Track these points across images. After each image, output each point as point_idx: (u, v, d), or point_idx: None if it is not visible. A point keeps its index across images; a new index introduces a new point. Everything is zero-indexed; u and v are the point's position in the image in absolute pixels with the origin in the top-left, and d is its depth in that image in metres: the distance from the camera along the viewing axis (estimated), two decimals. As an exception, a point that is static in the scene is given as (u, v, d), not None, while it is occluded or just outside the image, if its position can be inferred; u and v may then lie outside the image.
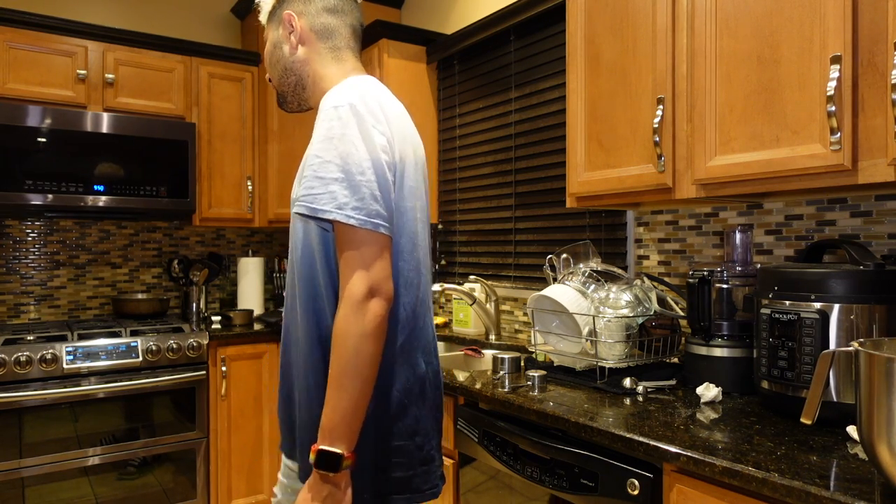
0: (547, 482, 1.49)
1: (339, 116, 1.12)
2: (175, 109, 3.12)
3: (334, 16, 1.31)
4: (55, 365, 2.52)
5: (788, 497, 1.01)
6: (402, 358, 1.19)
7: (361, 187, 1.09)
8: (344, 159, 1.09)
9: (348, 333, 1.06)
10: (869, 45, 1.23)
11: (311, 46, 1.30)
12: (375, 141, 1.13)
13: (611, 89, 1.77)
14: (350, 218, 1.07)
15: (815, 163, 1.29)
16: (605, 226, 2.27)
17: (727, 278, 1.62)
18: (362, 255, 1.08)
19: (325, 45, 1.30)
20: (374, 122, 1.14)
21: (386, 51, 2.93)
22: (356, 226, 1.08)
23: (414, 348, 1.21)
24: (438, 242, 3.16)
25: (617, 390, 1.62)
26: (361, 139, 1.11)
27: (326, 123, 1.13)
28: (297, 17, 1.30)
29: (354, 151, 1.10)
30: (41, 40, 2.80)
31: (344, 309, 1.07)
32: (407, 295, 1.20)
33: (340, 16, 1.31)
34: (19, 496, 2.45)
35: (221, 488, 2.91)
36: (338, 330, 1.07)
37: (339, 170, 1.09)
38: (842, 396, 1.27)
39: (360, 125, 1.12)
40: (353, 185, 1.09)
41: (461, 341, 2.67)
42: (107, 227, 3.33)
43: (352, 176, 1.09)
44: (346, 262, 1.09)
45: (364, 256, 1.08)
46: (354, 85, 1.18)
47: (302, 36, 1.30)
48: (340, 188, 1.08)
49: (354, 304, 1.06)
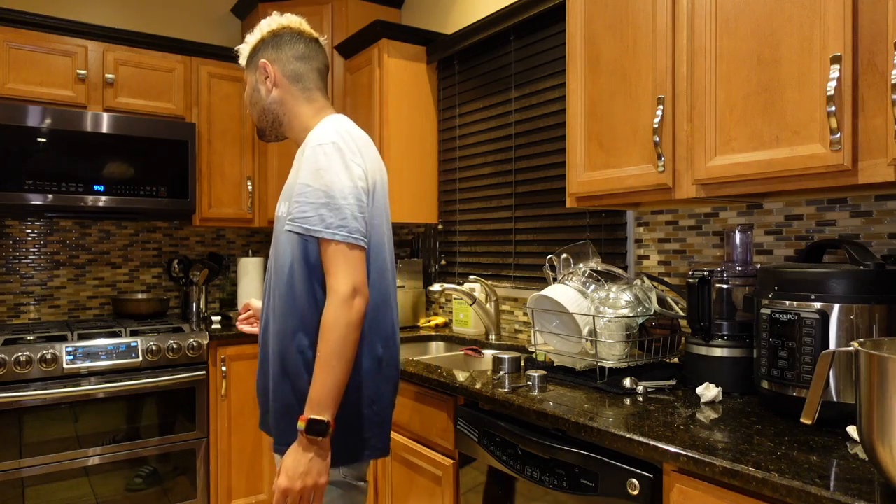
0: (547, 482, 1.49)
1: (324, 152, 1.37)
2: (175, 109, 3.12)
3: (303, 62, 1.53)
4: (55, 365, 2.52)
5: (788, 497, 1.01)
6: (364, 343, 1.43)
7: (344, 210, 1.34)
8: (329, 187, 1.34)
9: (337, 324, 1.30)
10: (869, 45, 1.23)
11: (285, 89, 1.53)
12: (354, 171, 1.38)
13: (611, 89, 1.77)
14: (336, 235, 1.33)
15: (815, 163, 1.29)
16: (605, 226, 2.27)
17: (727, 278, 1.62)
18: (346, 263, 1.33)
19: (296, 87, 1.54)
20: (352, 155, 1.39)
21: (386, 51, 2.93)
22: (341, 241, 1.33)
23: (375, 336, 1.46)
24: (438, 242, 3.16)
25: (617, 390, 1.62)
26: (343, 170, 1.36)
27: (314, 158, 1.37)
28: (270, 63, 1.53)
29: (338, 181, 1.35)
30: (41, 40, 2.80)
31: (333, 305, 1.31)
32: (372, 294, 1.44)
33: (308, 61, 1.54)
34: (19, 496, 2.45)
35: (221, 488, 2.91)
36: (328, 322, 1.30)
37: (326, 196, 1.34)
38: (842, 396, 1.27)
39: (342, 159, 1.37)
40: (337, 208, 1.34)
41: (461, 341, 2.67)
42: (107, 227, 3.33)
43: (336, 201, 1.34)
44: (333, 270, 1.33)
45: (348, 264, 1.33)
46: (333, 125, 1.42)
47: (276, 80, 1.53)
48: (327, 211, 1.33)
49: (342, 301, 1.31)
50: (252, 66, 1.57)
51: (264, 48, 1.55)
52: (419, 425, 2.02)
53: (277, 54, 1.53)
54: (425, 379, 1.93)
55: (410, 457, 2.05)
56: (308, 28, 1.58)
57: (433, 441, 1.95)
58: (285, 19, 1.56)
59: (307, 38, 1.56)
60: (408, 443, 2.07)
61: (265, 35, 1.55)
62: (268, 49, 1.54)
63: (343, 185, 1.35)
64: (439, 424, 1.92)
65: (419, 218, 3.07)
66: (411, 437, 2.08)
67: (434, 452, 1.95)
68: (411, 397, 2.05)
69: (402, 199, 3.00)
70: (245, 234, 3.75)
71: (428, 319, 3.07)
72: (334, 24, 3.26)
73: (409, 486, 2.07)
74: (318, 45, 1.58)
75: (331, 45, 3.27)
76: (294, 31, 1.55)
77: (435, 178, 3.12)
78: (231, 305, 3.65)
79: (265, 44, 1.55)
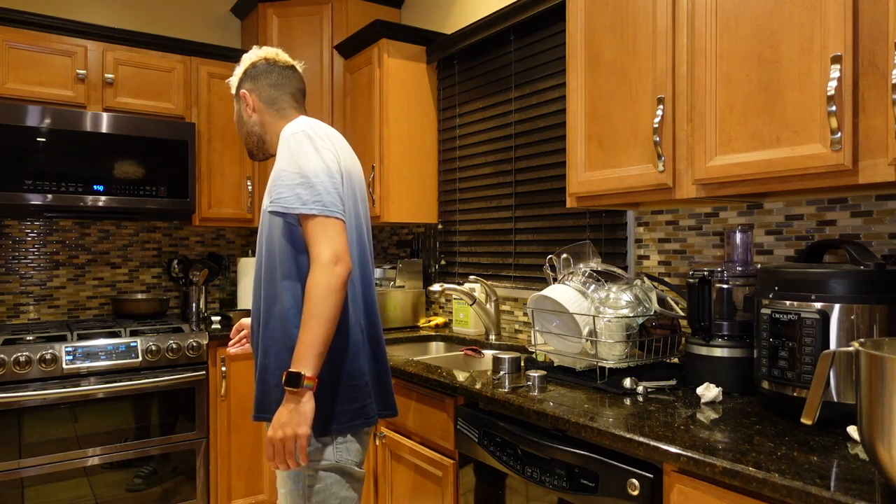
0: (547, 482, 1.49)
1: (295, 140, 1.50)
2: (175, 109, 3.12)
3: (276, 88, 1.72)
4: (55, 365, 2.52)
5: (789, 497, 1.00)
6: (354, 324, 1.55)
7: (317, 186, 1.45)
8: (302, 169, 1.47)
9: (318, 287, 1.40)
10: (869, 44, 1.23)
11: (262, 112, 1.72)
12: (325, 155, 1.50)
13: (611, 89, 1.77)
14: (312, 209, 1.44)
15: (816, 163, 1.29)
16: (605, 226, 2.27)
17: (727, 278, 1.62)
18: (325, 233, 1.43)
19: (272, 109, 1.72)
20: (321, 142, 1.52)
21: (386, 51, 2.93)
22: (318, 214, 1.44)
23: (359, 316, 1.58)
24: (438, 242, 3.16)
25: (617, 390, 1.62)
26: (314, 153, 1.49)
27: (286, 146, 1.51)
28: (249, 93, 1.72)
29: (309, 162, 1.47)
30: (41, 40, 2.80)
31: (315, 271, 1.41)
32: (356, 281, 1.57)
33: (281, 87, 1.72)
34: (18, 496, 2.45)
35: (221, 488, 2.91)
36: (309, 286, 1.41)
37: (300, 176, 1.46)
38: (842, 397, 1.27)
39: (312, 144, 1.50)
40: (311, 185, 1.45)
41: (461, 341, 2.67)
42: (106, 227, 3.33)
43: (309, 179, 1.46)
44: (314, 241, 1.44)
45: (326, 234, 1.43)
46: (303, 120, 1.57)
47: (254, 106, 1.72)
48: (302, 190, 1.45)
49: (323, 266, 1.41)
50: (236, 95, 1.77)
51: (245, 79, 1.74)
52: (419, 425, 2.01)
53: (254, 84, 1.72)
54: (425, 379, 1.93)
55: (410, 457, 2.05)
56: (284, 57, 1.76)
57: (433, 441, 1.95)
58: (263, 52, 1.75)
59: (281, 67, 1.74)
60: (408, 443, 2.07)
61: (246, 67, 1.75)
62: (247, 80, 1.74)
63: (315, 165, 1.47)
64: (439, 424, 1.92)
65: (419, 218, 3.07)
66: (411, 437, 2.08)
67: (434, 452, 1.94)
68: (411, 397, 2.05)
69: (402, 199, 3.00)
70: (245, 234, 3.75)
71: (428, 319, 3.07)
72: (334, 24, 3.26)
73: (409, 486, 2.07)
74: (293, 71, 1.76)
75: (331, 45, 3.27)
76: (269, 62, 1.74)
77: (435, 178, 3.12)
78: (231, 305, 3.65)
79: (246, 75, 1.74)
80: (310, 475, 1.51)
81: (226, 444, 2.92)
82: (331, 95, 3.27)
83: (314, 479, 1.51)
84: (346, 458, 1.54)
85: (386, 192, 2.95)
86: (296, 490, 1.52)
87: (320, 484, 1.51)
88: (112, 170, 2.88)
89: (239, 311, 3.16)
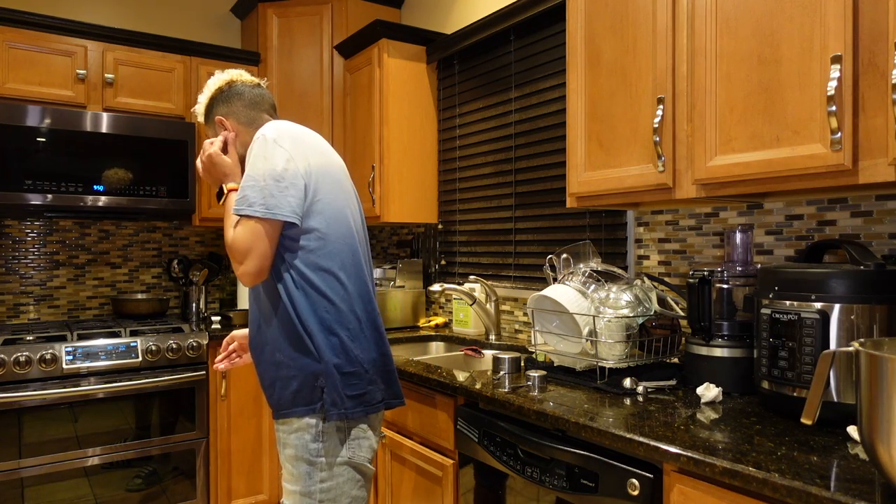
0: (547, 482, 1.49)
1: (257, 144, 1.54)
2: (175, 109, 3.12)
3: (253, 108, 1.72)
4: (55, 365, 2.52)
5: (789, 497, 1.00)
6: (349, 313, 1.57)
7: (263, 190, 1.48)
8: (253, 173, 1.50)
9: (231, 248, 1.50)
10: (869, 44, 1.23)
11: (243, 134, 1.71)
12: (275, 157, 1.51)
13: (611, 89, 1.77)
14: (256, 211, 1.47)
15: (816, 163, 1.29)
16: (605, 226, 2.27)
17: (727, 278, 1.62)
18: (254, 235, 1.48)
19: (252, 129, 1.71)
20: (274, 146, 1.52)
21: (386, 51, 2.93)
22: (260, 216, 1.47)
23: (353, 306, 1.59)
24: (438, 242, 3.16)
25: (617, 390, 1.62)
26: (263, 159, 1.51)
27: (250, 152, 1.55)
28: (225, 118, 1.71)
29: (261, 165, 1.50)
30: (41, 40, 2.80)
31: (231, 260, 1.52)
32: (349, 273, 1.58)
33: (256, 106, 1.73)
34: (18, 496, 2.44)
35: (221, 488, 2.91)
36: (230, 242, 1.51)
37: (251, 180, 1.50)
38: (842, 397, 1.27)
39: (264, 148, 1.52)
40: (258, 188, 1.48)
41: (461, 341, 2.67)
42: (106, 227, 3.33)
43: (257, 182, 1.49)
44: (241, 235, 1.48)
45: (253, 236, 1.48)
46: (271, 123, 1.59)
47: (234, 130, 1.71)
48: (251, 192, 1.49)
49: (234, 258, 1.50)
50: (210, 122, 1.76)
51: (216, 105, 1.73)
52: (419, 425, 2.01)
53: (229, 107, 1.71)
54: (425, 379, 1.93)
55: (410, 457, 2.05)
56: (248, 77, 1.76)
57: (433, 441, 1.95)
58: (227, 75, 1.74)
59: (250, 86, 1.74)
60: (408, 443, 2.07)
61: (213, 94, 1.73)
62: (219, 105, 1.72)
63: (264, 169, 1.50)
64: (439, 424, 1.92)
65: (419, 218, 3.07)
66: (411, 437, 2.08)
67: (434, 452, 1.94)
68: (411, 397, 2.05)
69: (402, 199, 3.00)
70: (245, 234, 3.74)
71: (428, 319, 3.07)
72: (334, 24, 3.26)
73: (409, 486, 2.07)
74: (261, 88, 1.77)
75: (331, 45, 3.27)
76: (235, 84, 1.73)
77: (435, 178, 3.12)
78: (231, 305, 3.65)
79: (215, 101, 1.73)
80: (323, 471, 1.50)
81: (226, 444, 2.92)
82: (331, 95, 3.27)
83: (328, 476, 1.50)
84: (360, 454, 1.54)
85: (386, 192, 2.95)
86: (307, 486, 1.50)
87: (333, 481, 1.51)
88: (112, 170, 2.87)
89: (239, 310, 3.15)
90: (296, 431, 1.52)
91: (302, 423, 1.51)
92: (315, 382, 1.50)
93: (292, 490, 1.53)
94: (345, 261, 1.58)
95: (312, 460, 1.50)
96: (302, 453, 1.51)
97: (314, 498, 1.50)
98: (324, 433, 1.51)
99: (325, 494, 1.50)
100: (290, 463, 1.53)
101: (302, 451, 1.51)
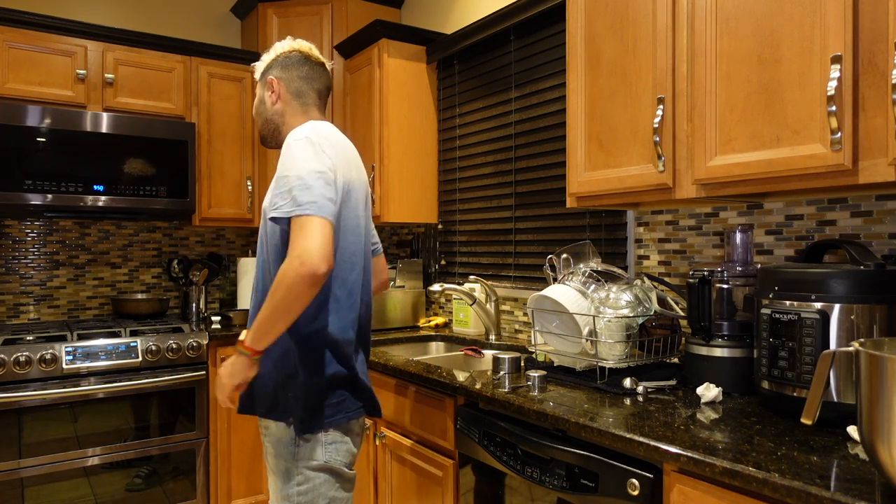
0: (547, 482, 1.49)
1: (298, 146, 1.52)
2: (175, 109, 3.11)
3: (306, 82, 1.73)
4: (55, 365, 2.52)
5: (789, 497, 1.00)
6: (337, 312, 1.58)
7: (313, 189, 1.46)
8: (299, 174, 1.48)
9: (284, 278, 1.40)
10: (869, 44, 1.23)
11: (287, 102, 1.72)
12: (322, 161, 1.51)
13: (611, 89, 1.77)
14: (306, 211, 1.44)
15: (816, 163, 1.29)
16: (605, 226, 2.27)
17: (727, 278, 1.62)
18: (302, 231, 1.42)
19: (297, 102, 1.72)
20: (320, 150, 1.52)
21: (386, 51, 2.93)
22: (300, 214, 1.43)
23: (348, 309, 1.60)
24: (438, 242, 3.16)
25: (617, 390, 1.62)
26: (313, 158, 1.50)
27: (288, 151, 1.53)
28: (277, 80, 1.72)
29: (305, 166, 1.48)
30: (41, 40, 2.80)
31: (286, 263, 1.41)
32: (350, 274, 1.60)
33: (311, 82, 1.73)
34: (18, 496, 2.44)
35: (221, 488, 2.91)
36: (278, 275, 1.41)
37: (298, 179, 1.47)
38: (842, 397, 1.27)
39: (312, 150, 1.51)
40: (307, 188, 1.46)
41: (461, 341, 2.67)
42: (106, 227, 3.33)
43: (305, 181, 1.46)
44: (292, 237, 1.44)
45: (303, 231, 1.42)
46: (310, 125, 1.59)
47: (279, 94, 1.72)
48: (298, 192, 1.45)
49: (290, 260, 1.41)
50: (262, 80, 1.76)
51: (275, 66, 1.73)
52: (419, 425, 2.01)
53: (285, 73, 1.72)
54: (425, 379, 1.93)
55: (410, 457, 2.05)
56: (316, 53, 1.77)
57: (433, 441, 1.95)
58: (297, 43, 1.76)
59: (313, 62, 1.75)
60: (408, 443, 2.07)
61: (278, 55, 1.74)
62: (277, 67, 1.73)
63: (310, 169, 1.48)
64: (439, 424, 1.92)
65: (419, 218, 3.07)
66: (411, 437, 2.08)
67: (434, 452, 1.94)
68: (411, 397, 2.05)
69: (402, 199, 3.00)
70: (245, 234, 3.75)
71: (428, 319, 3.07)
72: (334, 24, 3.26)
73: (409, 486, 2.07)
74: (323, 69, 1.77)
75: (331, 45, 3.26)
76: (303, 55, 1.74)
77: (435, 178, 3.12)
78: (231, 305, 3.65)
79: (276, 62, 1.74)
80: (299, 474, 1.54)
81: (226, 444, 2.92)
82: (331, 95, 3.27)
83: (304, 479, 1.54)
84: (336, 458, 1.57)
85: (386, 191, 2.95)
86: (285, 488, 1.55)
87: (309, 484, 1.55)
88: (112, 170, 2.87)
89: (239, 311, 3.15)
90: (274, 435, 1.58)
91: (280, 428, 1.57)
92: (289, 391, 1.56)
93: (273, 492, 1.59)
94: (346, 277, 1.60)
95: (290, 465, 1.55)
96: (280, 457, 1.56)
97: (291, 500, 1.55)
98: (299, 438, 1.55)
99: (301, 497, 1.54)
100: (272, 467, 1.60)
101: (280, 455, 1.56)
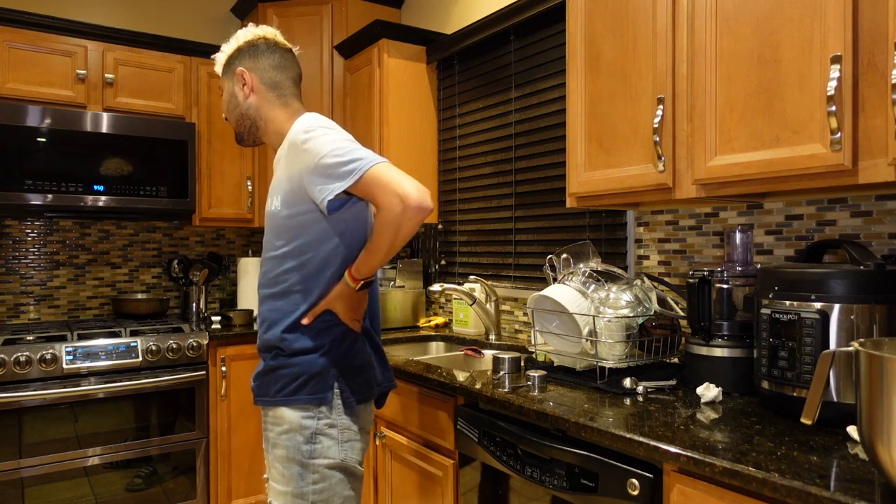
0: (547, 482, 1.49)
1: (321, 133, 1.47)
2: (175, 109, 3.12)
3: (280, 71, 1.63)
4: (55, 365, 2.52)
5: (789, 497, 1.01)
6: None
7: (356, 151, 1.43)
8: (347, 139, 1.46)
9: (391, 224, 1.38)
10: (869, 44, 1.23)
11: (262, 95, 1.62)
12: (346, 135, 1.49)
13: (611, 89, 1.77)
14: (369, 164, 1.40)
15: (816, 163, 1.29)
16: (605, 226, 2.27)
17: (727, 278, 1.62)
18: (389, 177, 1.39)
19: (273, 94, 1.63)
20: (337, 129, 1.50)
21: (386, 51, 2.93)
22: (374, 163, 1.40)
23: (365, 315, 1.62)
24: (438, 242, 3.16)
25: (617, 390, 1.62)
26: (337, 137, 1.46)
27: (311, 140, 1.46)
28: (248, 71, 1.61)
29: (341, 139, 1.45)
30: (41, 40, 2.80)
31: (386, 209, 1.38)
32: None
33: (284, 70, 1.64)
34: (18, 496, 2.45)
35: (221, 488, 2.91)
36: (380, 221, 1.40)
37: (351, 142, 1.45)
38: (842, 396, 1.27)
39: (334, 130, 1.49)
40: (352, 151, 1.42)
41: (461, 341, 2.67)
42: (106, 227, 3.33)
43: (350, 151, 1.43)
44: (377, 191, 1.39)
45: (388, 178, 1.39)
46: (312, 117, 1.54)
47: (253, 87, 1.62)
48: (350, 160, 1.41)
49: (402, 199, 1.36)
50: (229, 73, 1.66)
51: (241, 57, 1.63)
52: (419, 425, 2.01)
53: (254, 63, 1.62)
54: (425, 379, 1.93)
55: (410, 457, 2.05)
56: (282, 39, 1.67)
57: (433, 441, 1.95)
58: (261, 30, 1.65)
59: (282, 49, 1.65)
60: (408, 443, 2.07)
61: (241, 45, 1.64)
62: (245, 58, 1.63)
63: (343, 138, 1.47)
64: (439, 424, 1.92)
65: (419, 218, 3.06)
66: (411, 437, 2.08)
67: (434, 452, 1.94)
68: (411, 397, 2.05)
69: (401, 199, 2.99)
70: (245, 234, 3.75)
71: (428, 319, 3.07)
72: (334, 24, 3.26)
73: (409, 486, 2.07)
74: (292, 56, 1.68)
75: (331, 45, 3.27)
76: (269, 42, 1.64)
77: (435, 178, 3.12)
78: (231, 305, 3.65)
79: (242, 53, 1.64)
80: (315, 473, 1.51)
81: (226, 444, 2.92)
82: (331, 95, 3.27)
83: (320, 478, 1.51)
84: (351, 456, 1.55)
85: (386, 192, 2.95)
86: (301, 486, 1.50)
87: (325, 483, 1.51)
88: (112, 170, 2.87)
89: (239, 311, 3.15)
90: (287, 432, 1.52)
91: (295, 424, 1.51)
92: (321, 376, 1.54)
93: (282, 490, 1.52)
94: None
95: (305, 462, 1.50)
96: (294, 454, 1.51)
97: (307, 499, 1.50)
98: (317, 435, 1.51)
99: (317, 496, 1.50)
100: (281, 464, 1.52)
101: (294, 452, 1.51)
